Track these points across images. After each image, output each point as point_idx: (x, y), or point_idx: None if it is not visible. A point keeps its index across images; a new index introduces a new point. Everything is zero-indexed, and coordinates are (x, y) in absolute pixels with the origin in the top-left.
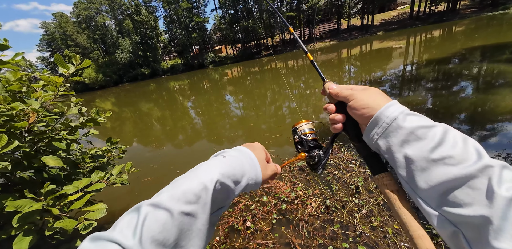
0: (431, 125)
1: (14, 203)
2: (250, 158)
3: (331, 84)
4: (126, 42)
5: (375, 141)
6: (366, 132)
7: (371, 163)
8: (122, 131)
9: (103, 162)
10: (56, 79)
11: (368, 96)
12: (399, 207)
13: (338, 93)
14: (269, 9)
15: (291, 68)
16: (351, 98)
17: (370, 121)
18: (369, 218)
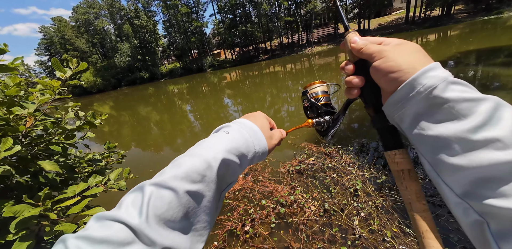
0: (478, 97)
1: (12, 208)
2: (253, 130)
3: (354, 36)
4: (125, 46)
5: (399, 114)
6: (390, 102)
7: (385, 138)
8: (120, 135)
9: (101, 167)
10: (54, 83)
11: (401, 55)
12: (406, 187)
13: (363, 50)
14: (267, 14)
15: (289, 71)
16: (378, 56)
17: (398, 89)
18: (368, 221)
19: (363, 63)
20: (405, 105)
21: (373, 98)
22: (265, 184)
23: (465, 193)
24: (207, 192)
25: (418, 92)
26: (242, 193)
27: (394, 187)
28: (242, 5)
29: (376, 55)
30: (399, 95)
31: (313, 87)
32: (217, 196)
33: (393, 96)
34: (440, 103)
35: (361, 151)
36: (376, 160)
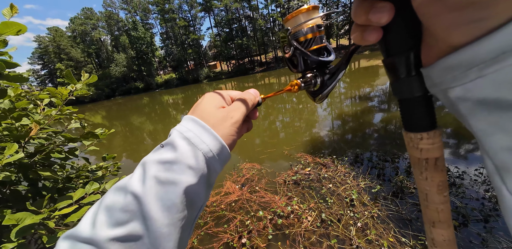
0: None
1: (14, 216)
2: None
3: None
4: (121, 56)
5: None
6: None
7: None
8: (111, 145)
9: (97, 177)
10: (63, 91)
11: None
12: (426, 178)
13: None
14: (263, 28)
15: (284, 83)
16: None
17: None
18: (365, 231)
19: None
20: (486, 71)
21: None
22: (262, 194)
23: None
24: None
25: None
26: (238, 204)
27: (388, 196)
28: (238, 20)
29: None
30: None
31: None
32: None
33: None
34: None
35: (355, 161)
36: (370, 170)
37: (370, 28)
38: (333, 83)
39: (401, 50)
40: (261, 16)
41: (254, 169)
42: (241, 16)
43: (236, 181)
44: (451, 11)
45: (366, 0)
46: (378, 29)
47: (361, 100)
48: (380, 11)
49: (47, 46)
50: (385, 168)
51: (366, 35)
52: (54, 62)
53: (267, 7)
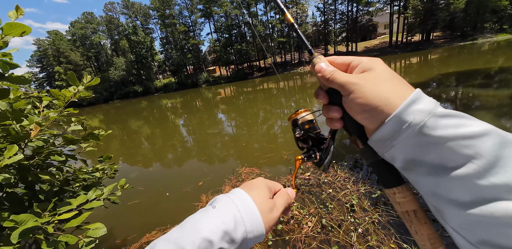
0: (477, 132)
1: (17, 217)
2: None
3: (320, 62)
4: (120, 60)
5: (388, 152)
6: (374, 139)
7: (379, 173)
8: (108, 149)
9: (93, 181)
10: (66, 93)
11: (372, 88)
12: (416, 231)
13: (330, 79)
14: (262, 34)
15: (283, 88)
16: (346, 90)
17: (380, 129)
18: (366, 237)
19: (336, 91)
20: (392, 144)
21: (356, 130)
22: None
23: (481, 242)
24: None
25: (404, 131)
26: None
27: (388, 202)
28: (237, 26)
29: (344, 88)
30: (382, 134)
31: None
32: None
33: (375, 135)
34: (434, 144)
35: (355, 166)
36: (370, 175)
37: (334, 120)
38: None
39: (354, 132)
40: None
41: (253, 173)
42: (241, 22)
43: (235, 185)
44: (357, 114)
45: (326, 105)
46: (339, 120)
47: None
48: (333, 111)
49: (46, 49)
50: None
51: (334, 124)
52: (53, 65)
53: (266, 14)
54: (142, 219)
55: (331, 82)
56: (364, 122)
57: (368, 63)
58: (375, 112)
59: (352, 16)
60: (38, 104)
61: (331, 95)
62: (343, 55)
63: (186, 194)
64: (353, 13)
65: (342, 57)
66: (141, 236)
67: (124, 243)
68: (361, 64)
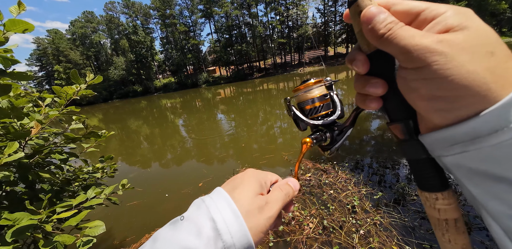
0: None
1: (11, 215)
2: (224, 210)
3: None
4: (120, 60)
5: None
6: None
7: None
8: (107, 149)
9: (93, 181)
10: (68, 90)
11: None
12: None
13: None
14: (262, 35)
15: (282, 89)
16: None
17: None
18: (367, 238)
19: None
20: (468, 148)
21: (403, 116)
22: None
23: None
24: None
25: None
26: None
27: (390, 203)
28: (238, 26)
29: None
30: (459, 133)
31: (305, 91)
32: None
33: (444, 133)
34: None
35: (356, 167)
36: (371, 176)
37: (370, 97)
38: (342, 139)
39: (399, 118)
40: (261, 23)
41: None
42: (241, 23)
43: None
44: (424, 100)
45: (363, 76)
46: (378, 99)
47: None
48: (374, 86)
49: (45, 48)
50: (386, 175)
51: (368, 103)
52: (52, 64)
53: (267, 15)
54: (141, 220)
55: (389, 42)
56: (431, 114)
57: (456, 17)
58: (462, 103)
59: None
60: (40, 103)
61: (376, 62)
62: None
63: (186, 195)
64: None
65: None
66: (140, 236)
67: (123, 244)
68: (442, 16)
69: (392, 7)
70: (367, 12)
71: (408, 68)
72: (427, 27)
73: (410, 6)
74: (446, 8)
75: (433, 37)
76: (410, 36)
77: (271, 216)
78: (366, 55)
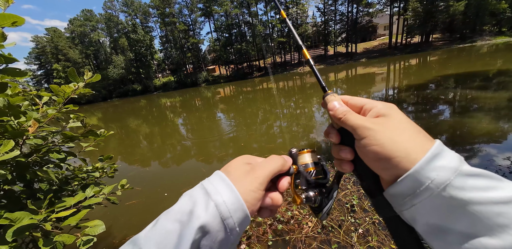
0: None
1: (11, 215)
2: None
3: (333, 100)
4: (119, 58)
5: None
6: (391, 193)
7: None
8: (106, 148)
9: (92, 181)
10: (66, 89)
11: (389, 136)
12: None
13: (342, 120)
14: (262, 34)
15: (282, 88)
16: (360, 134)
17: (398, 183)
18: (366, 237)
19: (349, 132)
20: (413, 202)
21: (369, 178)
22: None
23: None
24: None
25: (428, 189)
26: None
27: None
28: (237, 25)
29: (357, 131)
30: (401, 189)
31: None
32: None
33: (394, 189)
34: (462, 208)
35: None
36: None
37: (343, 161)
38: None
39: (367, 179)
40: (261, 22)
41: None
42: (241, 22)
43: None
44: (372, 162)
45: (336, 146)
46: (349, 163)
47: None
48: (344, 152)
49: (44, 47)
50: None
51: (343, 166)
52: (51, 63)
53: (266, 13)
54: (141, 218)
55: (343, 123)
56: (379, 172)
57: (383, 109)
58: (392, 163)
59: (352, 17)
60: (38, 101)
61: (343, 136)
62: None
63: None
64: (353, 14)
65: (356, 98)
66: None
67: (123, 243)
68: (375, 108)
69: (348, 101)
70: (330, 105)
71: (358, 139)
72: (368, 115)
73: (358, 101)
74: (378, 103)
75: (368, 120)
76: (355, 119)
77: (257, 176)
78: (336, 130)
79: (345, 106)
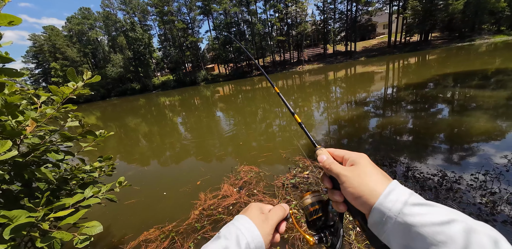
0: (447, 220)
1: (9, 213)
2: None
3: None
4: (118, 57)
5: (383, 237)
6: (369, 224)
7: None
8: (105, 147)
9: (91, 179)
10: (64, 90)
11: (360, 180)
12: None
13: (328, 169)
14: (261, 33)
15: (281, 87)
16: (340, 180)
17: (370, 214)
18: (363, 235)
19: None
20: (384, 229)
21: (357, 214)
22: (260, 198)
23: None
24: None
25: (390, 217)
26: (236, 207)
27: None
28: (236, 23)
29: (339, 178)
30: (373, 219)
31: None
32: None
33: (370, 219)
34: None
35: None
36: None
37: (338, 203)
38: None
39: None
40: (260, 20)
41: (252, 171)
42: (240, 20)
43: (234, 183)
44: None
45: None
46: (343, 203)
47: (357, 105)
48: (336, 195)
49: (42, 45)
50: None
51: (339, 207)
52: (49, 61)
53: (266, 12)
54: (140, 217)
55: (330, 172)
56: (359, 208)
57: (355, 158)
58: (363, 200)
59: (351, 16)
60: (36, 100)
61: (334, 181)
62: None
63: (184, 193)
64: (353, 13)
65: (338, 151)
66: (138, 234)
67: (122, 242)
68: (350, 158)
69: (334, 152)
70: (319, 158)
71: (340, 184)
72: (347, 164)
73: (339, 152)
74: (352, 154)
75: (345, 168)
76: (336, 168)
77: (272, 224)
78: (328, 177)
79: (330, 158)
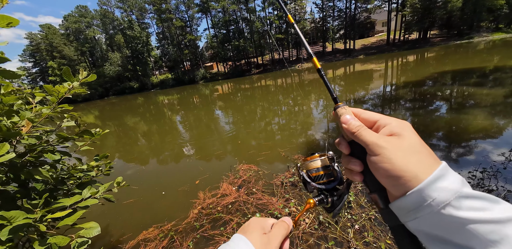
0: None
1: (7, 213)
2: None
3: (346, 114)
4: (115, 55)
5: (411, 223)
6: (397, 206)
7: (399, 240)
8: (104, 146)
9: (89, 178)
10: (60, 89)
11: (400, 156)
12: None
13: (355, 135)
14: (260, 31)
15: (280, 85)
16: (373, 151)
17: (404, 198)
18: (362, 233)
19: (360, 146)
20: (416, 215)
21: (377, 190)
22: (259, 196)
23: None
24: None
25: (429, 206)
26: (235, 206)
27: None
28: (235, 21)
29: (370, 148)
30: (406, 203)
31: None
32: None
33: (398, 203)
34: (458, 224)
35: None
36: None
37: (353, 172)
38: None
39: (375, 190)
40: (258, 18)
41: (251, 170)
42: (238, 18)
43: (233, 182)
44: (382, 177)
45: (346, 156)
46: (359, 174)
47: (356, 103)
48: (353, 164)
49: (39, 44)
50: None
51: (353, 176)
52: (46, 60)
53: (264, 10)
54: (139, 217)
55: (357, 138)
56: (388, 187)
57: (397, 127)
58: (401, 181)
59: (350, 13)
60: (31, 100)
61: (354, 148)
62: (339, 53)
63: (183, 193)
64: (351, 10)
65: (368, 113)
66: (137, 234)
67: (121, 241)
68: (389, 125)
69: (360, 115)
70: (343, 118)
71: (370, 154)
72: (381, 131)
73: (370, 115)
74: (392, 120)
75: (382, 137)
76: (369, 135)
77: (275, 246)
78: (347, 141)
79: (358, 120)
